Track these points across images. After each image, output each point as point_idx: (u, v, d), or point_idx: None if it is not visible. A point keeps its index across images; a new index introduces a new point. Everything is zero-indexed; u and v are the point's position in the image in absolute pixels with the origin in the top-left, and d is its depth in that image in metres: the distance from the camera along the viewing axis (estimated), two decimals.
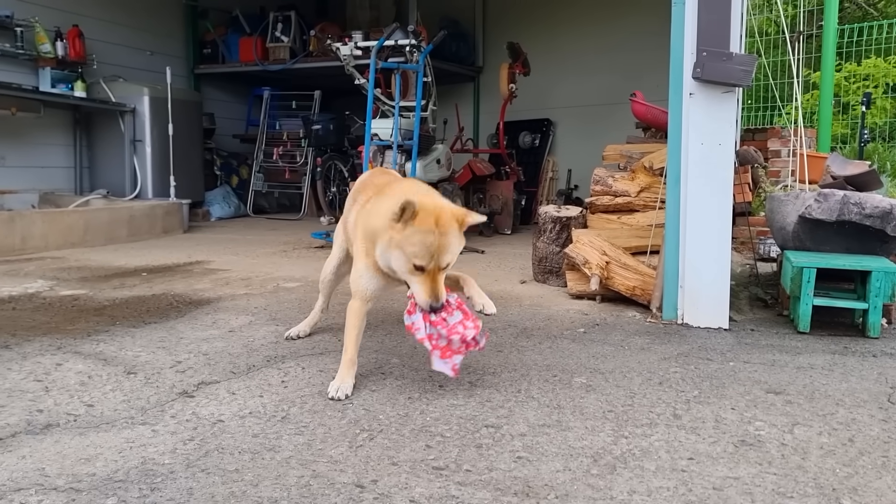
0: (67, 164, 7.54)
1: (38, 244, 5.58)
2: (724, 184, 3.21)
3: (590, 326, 3.31)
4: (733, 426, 2.05)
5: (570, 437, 1.96)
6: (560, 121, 9.30)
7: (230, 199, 8.91)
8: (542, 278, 4.43)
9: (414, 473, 1.72)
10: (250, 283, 4.28)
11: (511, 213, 7.35)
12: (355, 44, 6.51)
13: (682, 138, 3.26)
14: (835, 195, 3.23)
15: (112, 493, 1.60)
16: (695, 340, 3.05)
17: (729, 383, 2.45)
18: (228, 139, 9.51)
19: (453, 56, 9.11)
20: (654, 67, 7.10)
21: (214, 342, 2.93)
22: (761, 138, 6.29)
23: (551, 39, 9.07)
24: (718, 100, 3.17)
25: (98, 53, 7.57)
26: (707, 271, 3.24)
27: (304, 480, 1.67)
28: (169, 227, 6.92)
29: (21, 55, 6.82)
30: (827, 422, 2.09)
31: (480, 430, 2.01)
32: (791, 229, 3.46)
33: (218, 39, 9.24)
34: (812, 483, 1.68)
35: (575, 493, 1.63)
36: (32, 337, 2.96)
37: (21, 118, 6.67)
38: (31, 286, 4.10)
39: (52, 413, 2.11)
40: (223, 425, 2.02)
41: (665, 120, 4.96)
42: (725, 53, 3.06)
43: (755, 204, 5.41)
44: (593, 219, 4.43)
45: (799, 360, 2.77)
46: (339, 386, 2.28)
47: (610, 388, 2.38)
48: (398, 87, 6.21)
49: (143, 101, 7.46)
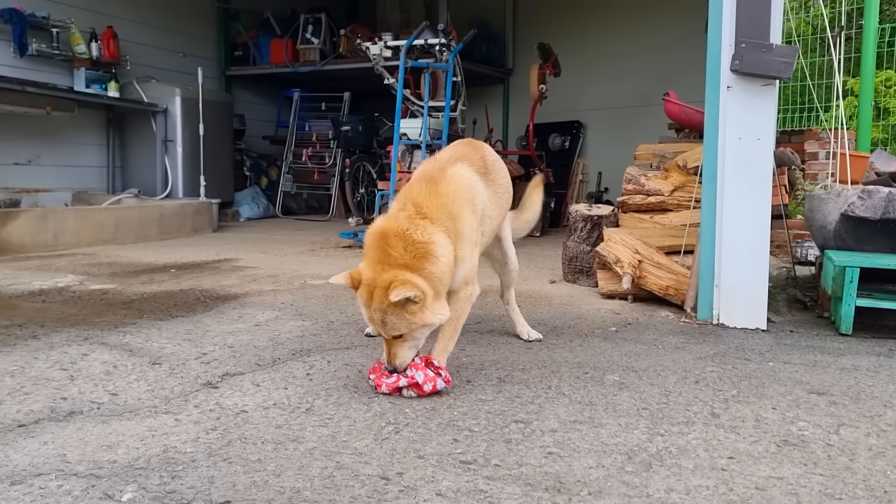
0: (100, 164, 7.63)
1: (69, 241, 5.64)
2: (763, 180, 3.11)
3: (622, 325, 3.22)
4: (775, 426, 1.96)
5: (603, 433, 1.89)
6: (590, 123, 9.20)
7: (259, 200, 8.95)
8: (572, 278, 4.35)
9: (441, 467, 1.66)
10: (277, 280, 4.26)
11: (539, 215, 7.25)
12: (385, 43, 6.50)
13: (719, 133, 3.17)
14: (879, 192, 3.11)
15: (132, 480, 1.57)
16: (731, 340, 2.95)
17: (769, 383, 2.35)
18: (258, 140, 9.57)
19: (483, 58, 9.07)
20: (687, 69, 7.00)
21: (240, 335, 2.90)
22: (798, 140, 6.14)
23: (582, 41, 8.97)
24: (757, 93, 3.07)
25: (131, 54, 7.66)
26: (744, 270, 3.14)
27: (328, 472, 1.62)
28: (198, 226, 6.95)
29: (56, 56, 6.92)
30: (875, 423, 1.99)
31: (509, 425, 1.94)
32: (832, 228, 3.34)
33: (249, 41, 9.32)
34: (862, 485, 1.59)
35: (609, 489, 1.55)
36: (60, 328, 2.96)
37: (55, 118, 6.76)
38: (62, 280, 4.12)
39: (76, 401, 2.09)
40: (247, 416, 1.98)
41: (699, 120, 4.87)
42: (765, 45, 2.96)
43: (792, 207, 5.28)
44: (625, 218, 4.33)
45: (842, 361, 2.65)
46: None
47: (644, 386, 2.30)
48: (427, 86, 6.17)
49: (174, 102, 7.52)
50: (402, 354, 2.13)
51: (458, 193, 2.26)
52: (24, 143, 6.79)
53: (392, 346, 2.13)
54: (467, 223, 2.26)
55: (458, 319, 2.33)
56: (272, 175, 9.44)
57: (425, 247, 2.11)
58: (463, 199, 2.27)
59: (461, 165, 2.37)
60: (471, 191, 2.32)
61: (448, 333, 2.31)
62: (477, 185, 2.38)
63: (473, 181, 2.37)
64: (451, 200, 2.23)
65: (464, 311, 2.35)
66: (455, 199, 2.24)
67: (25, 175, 6.78)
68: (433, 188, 2.23)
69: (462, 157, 2.44)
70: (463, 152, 2.49)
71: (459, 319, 2.34)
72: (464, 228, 2.24)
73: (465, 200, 2.28)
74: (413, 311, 2.05)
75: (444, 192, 2.23)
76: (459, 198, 2.26)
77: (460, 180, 2.30)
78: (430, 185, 2.25)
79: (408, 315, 2.05)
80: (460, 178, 2.31)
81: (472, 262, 2.31)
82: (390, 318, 2.06)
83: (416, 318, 2.06)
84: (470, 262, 2.29)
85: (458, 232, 2.22)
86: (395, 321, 2.06)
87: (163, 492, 1.52)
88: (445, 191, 2.23)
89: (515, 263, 2.92)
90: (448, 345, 2.32)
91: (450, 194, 2.23)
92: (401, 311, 2.04)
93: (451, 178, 2.29)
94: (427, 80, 6.21)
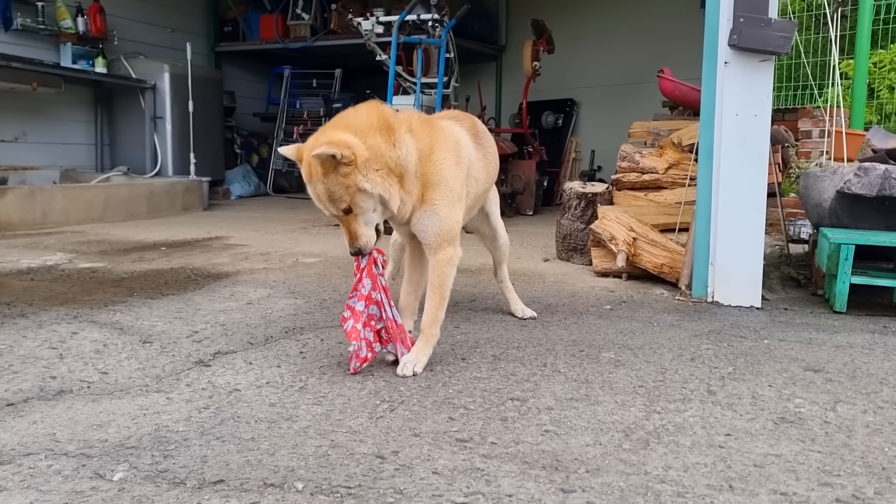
0: (88, 141, 7.52)
1: (58, 219, 5.57)
2: (759, 157, 3.08)
3: (616, 303, 3.21)
4: (772, 403, 1.95)
5: (600, 411, 1.87)
6: (584, 101, 9.14)
7: (250, 178, 8.87)
8: (565, 256, 4.33)
9: (437, 445, 1.64)
10: (269, 258, 4.22)
11: (533, 193, 7.23)
12: (377, 19, 6.41)
13: (716, 109, 3.14)
14: (876, 169, 3.09)
15: (124, 460, 1.54)
16: (726, 318, 2.94)
17: (765, 360, 2.35)
18: (249, 118, 9.46)
19: (476, 35, 8.96)
20: (682, 45, 6.95)
21: (232, 313, 2.87)
22: (791, 118, 6.11)
23: (576, 17, 8.88)
24: (755, 69, 3.04)
25: (119, 30, 7.53)
26: (739, 248, 3.13)
27: (323, 450, 1.60)
28: (189, 205, 6.89)
29: (42, 30, 6.79)
30: (871, 400, 1.98)
31: (505, 402, 1.92)
32: (828, 206, 3.32)
33: (239, 17, 9.17)
34: (860, 462, 1.58)
35: (606, 467, 1.54)
36: (49, 306, 2.92)
37: (42, 94, 6.65)
38: (50, 259, 4.07)
39: (66, 380, 2.06)
40: (239, 394, 1.96)
41: (693, 97, 4.83)
42: (764, 19, 2.92)
43: (785, 185, 5.26)
44: (619, 196, 4.31)
45: (837, 338, 2.65)
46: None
47: (640, 364, 2.29)
48: (420, 63, 6.10)
49: (163, 79, 7.41)
50: (360, 231, 2.08)
51: (446, 138, 2.27)
52: (11, 120, 6.68)
53: (348, 225, 2.08)
54: (448, 169, 2.22)
55: (442, 286, 2.25)
56: (263, 153, 9.35)
57: (388, 127, 2.08)
58: (450, 145, 2.27)
59: (453, 123, 2.41)
60: (459, 142, 2.33)
61: (434, 302, 2.25)
62: (466, 140, 2.39)
63: (463, 136, 2.38)
64: (436, 139, 2.22)
65: (445, 275, 2.25)
66: (441, 141, 2.24)
67: (12, 152, 6.67)
68: (427, 126, 2.24)
69: (455, 117, 2.50)
70: (455, 114, 2.55)
71: (443, 285, 2.25)
72: (442, 172, 2.20)
73: (452, 148, 2.27)
74: (346, 174, 1.98)
75: (434, 132, 2.24)
76: (447, 141, 2.26)
77: (451, 130, 2.33)
78: (425, 124, 2.25)
79: (342, 178, 1.98)
80: (451, 129, 2.34)
81: (450, 217, 2.23)
82: (330, 185, 1.99)
83: (349, 179, 1.98)
84: (447, 214, 2.22)
85: (437, 174, 2.19)
86: (335, 188, 1.99)
87: (155, 471, 1.49)
88: (436, 132, 2.24)
89: (505, 238, 2.91)
90: (437, 314, 2.25)
91: (436, 136, 2.23)
92: (335, 174, 1.98)
93: (444, 127, 2.31)
94: (420, 57, 6.13)
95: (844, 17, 7.11)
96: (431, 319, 2.25)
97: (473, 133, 2.49)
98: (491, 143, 2.66)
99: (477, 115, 7.71)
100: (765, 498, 1.41)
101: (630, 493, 1.43)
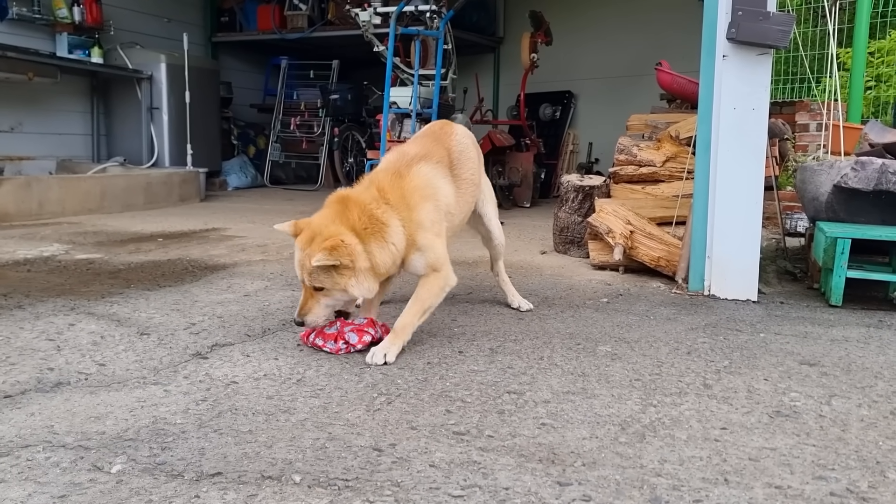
0: (85, 132, 7.50)
1: (54, 210, 5.55)
2: (757, 150, 3.09)
3: (613, 296, 3.22)
4: (767, 397, 1.96)
5: (596, 404, 1.88)
6: (581, 93, 9.12)
7: (247, 169, 8.85)
8: (562, 249, 4.34)
9: (434, 438, 1.65)
10: (266, 250, 4.22)
11: (531, 185, 7.23)
12: (375, 10, 6.38)
13: (714, 103, 3.14)
14: (873, 163, 3.10)
15: (122, 452, 1.55)
16: (723, 312, 2.95)
17: (760, 354, 2.36)
18: (246, 109, 9.43)
19: (473, 26, 8.92)
20: (680, 38, 6.94)
21: (229, 305, 2.87)
22: (788, 111, 6.11)
23: (574, 9, 8.85)
24: (753, 62, 3.04)
25: (115, 19, 7.49)
26: (736, 241, 3.13)
27: (320, 443, 1.61)
28: (185, 196, 6.87)
29: (38, 20, 6.76)
30: (866, 394, 1.99)
31: (502, 396, 1.93)
32: (824, 200, 3.33)
33: (236, 7, 9.13)
34: (854, 455, 1.59)
35: (603, 460, 1.55)
36: (46, 298, 2.92)
37: (38, 84, 6.62)
38: (47, 250, 4.06)
39: (63, 371, 2.06)
40: (237, 387, 1.96)
41: (691, 90, 4.83)
42: (762, 12, 2.92)
43: (782, 178, 5.26)
44: (617, 189, 4.31)
45: (832, 332, 2.66)
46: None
47: (636, 357, 2.30)
48: (418, 54, 6.08)
49: (160, 69, 7.38)
50: (315, 310, 2.19)
51: (422, 190, 2.32)
52: (7, 110, 6.65)
53: (308, 299, 2.18)
54: (428, 215, 2.31)
55: (427, 300, 2.32)
56: (260, 144, 9.33)
57: (380, 226, 2.19)
58: (427, 196, 2.33)
59: (426, 164, 2.40)
60: (434, 187, 2.38)
61: (416, 310, 2.30)
62: (441, 181, 2.42)
63: (438, 179, 2.41)
64: (411, 194, 2.29)
65: (433, 294, 2.33)
66: (418, 195, 2.30)
67: (8, 142, 6.65)
68: (398, 181, 2.30)
69: (428, 154, 2.45)
70: (429, 149, 2.50)
71: (427, 300, 2.32)
72: (424, 219, 2.30)
73: (430, 197, 2.34)
74: (341, 273, 2.12)
75: (406, 186, 2.30)
76: (424, 194, 2.32)
77: (426, 179, 2.36)
78: (395, 178, 2.31)
79: (336, 274, 2.12)
80: (426, 178, 2.37)
81: (436, 250, 2.32)
82: (318, 273, 2.12)
83: (341, 280, 2.13)
84: (432, 249, 2.31)
85: (418, 222, 2.27)
86: (320, 274, 2.12)
87: (153, 463, 1.50)
88: (411, 188, 2.30)
89: (500, 238, 2.92)
90: (415, 321, 2.30)
91: (410, 189, 2.30)
92: (330, 267, 2.10)
93: (416, 175, 2.34)
94: (417, 48, 6.11)
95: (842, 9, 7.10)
96: (408, 323, 2.29)
97: (448, 164, 2.50)
98: (468, 164, 2.61)
99: (474, 107, 7.75)
100: (760, 491, 1.42)
101: (626, 487, 1.43)
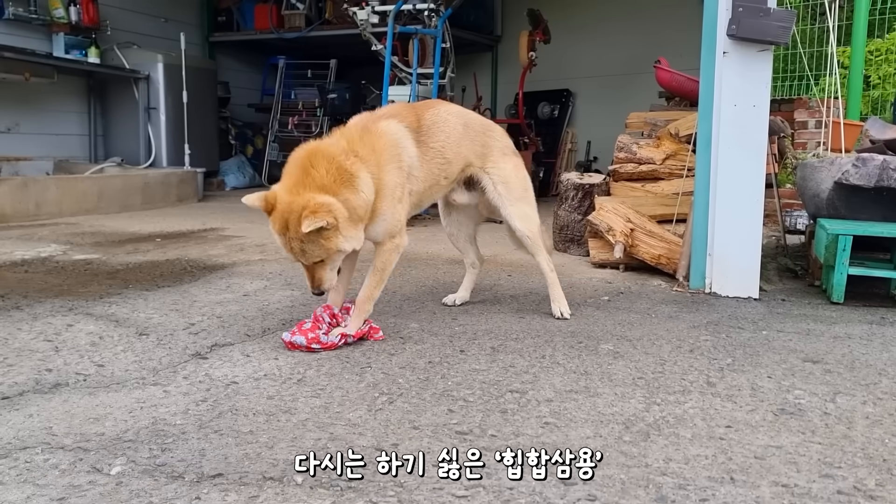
0: (82, 132, 7.47)
1: (52, 210, 5.53)
2: (758, 147, 3.08)
3: (614, 294, 3.21)
4: (771, 394, 1.95)
5: (600, 403, 1.87)
6: (580, 91, 9.11)
7: (245, 169, 8.83)
8: (562, 247, 4.32)
9: (436, 438, 1.63)
10: (265, 250, 4.20)
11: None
12: (372, 8, 6.36)
13: (714, 100, 3.12)
14: (874, 160, 3.09)
15: (121, 453, 1.53)
16: (724, 309, 2.93)
17: (763, 352, 2.34)
18: (243, 109, 9.41)
19: (471, 24, 8.91)
20: (679, 35, 6.92)
21: (229, 305, 2.86)
22: (787, 109, 6.10)
23: (572, 7, 8.83)
24: (753, 59, 3.03)
25: (112, 19, 7.47)
26: (737, 238, 3.12)
27: (322, 443, 1.59)
28: (183, 196, 6.85)
29: (34, 20, 6.74)
30: (871, 391, 1.98)
31: (505, 395, 1.92)
32: (825, 196, 3.32)
33: (233, 7, 9.11)
34: (861, 453, 1.58)
35: (607, 459, 1.54)
36: (44, 298, 2.90)
37: (35, 84, 6.60)
38: (45, 250, 4.04)
39: (62, 372, 2.05)
40: (237, 387, 1.95)
41: (690, 87, 4.82)
42: (763, 9, 2.91)
43: (782, 175, 5.25)
44: (616, 187, 4.30)
45: (835, 329, 2.65)
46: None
47: (638, 355, 2.28)
48: (416, 53, 6.07)
49: (157, 69, 7.36)
50: (326, 276, 2.22)
51: (388, 147, 2.34)
52: (4, 111, 6.62)
53: (314, 272, 2.20)
54: (391, 178, 2.33)
55: (384, 269, 2.42)
56: (258, 144, 9.31)
57: (349, 175, 2.18)
58: (390, 154, 2.34)
59: (393, 121, 2.43)
60: (399, 145, 2.39)
61: (373, 282, 2.40)
62: (406, 142, 2.43)
63: (403, 137, 2.42)
64: (380, 152, 2.31)
65: (389, 261, 2.43)
66: (383, 152, 2.31)
67: (5, 143, 6.62)
68: (366, 136, 2.32)
69: (396, 115, 2.50)
70: (398, 111, 2.56)
71: (385, 269, 2.42)
72: (387, 183, 2.31)
73: (393, 155, 2.35)
74: (328, 237, 2.11)
75: (375, 143, 2.31)
76: (387, 151, 2.33)
77: (391, 135, 2.38)
78: (364, 133, 2.33)
79: (323, 241, 2.11)
80: (391, 134, 2.39)
81: (394, 217, 2.37)
82: (308, 245, 2.12)
83: (331, 243, 2.13)
84: (392, 216, 2.36)
85: (381, 184, 2.29)
86: (313, 248, 2.12)
87: (153, 465, 1.48)
88: (376, 142, 2.32)
89: (522, 228, 2.73)
90: (374, 292, 2.40)
91: (379, 147, 2.31)
92: (316, 237, 2.10)
93: (383, 133, 2.36)
94: (416, 47, 6.10)
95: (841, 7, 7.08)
96: (367, 296, 2.38)
97: (416, 128, 2.49)
98: (440, 136, 2.55)
99: (472, 105, 7.73)
100: (766, 490, 1.41)
101: (631, 486, 1.42)
